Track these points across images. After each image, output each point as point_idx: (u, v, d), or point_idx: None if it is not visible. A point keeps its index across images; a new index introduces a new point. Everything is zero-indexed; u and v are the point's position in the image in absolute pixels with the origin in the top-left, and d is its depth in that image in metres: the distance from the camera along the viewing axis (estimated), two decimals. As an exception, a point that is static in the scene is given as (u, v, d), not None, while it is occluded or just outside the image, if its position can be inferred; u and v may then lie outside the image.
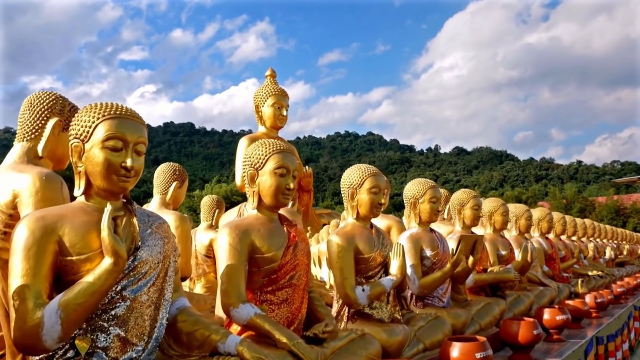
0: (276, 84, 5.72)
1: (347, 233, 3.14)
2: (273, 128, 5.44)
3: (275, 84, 5.71)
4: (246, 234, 2.42)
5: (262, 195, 2.57)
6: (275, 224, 2.59)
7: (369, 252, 3.13)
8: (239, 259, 2.37)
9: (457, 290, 4.10)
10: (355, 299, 2.99)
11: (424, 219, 3.93)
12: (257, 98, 5.56)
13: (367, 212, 3.24)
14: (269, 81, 5.70)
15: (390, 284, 3.09)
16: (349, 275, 3.03)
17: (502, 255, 5.17)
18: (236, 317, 2.29)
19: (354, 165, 3.39)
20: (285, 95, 5.64)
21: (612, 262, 10.16)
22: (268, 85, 5.66)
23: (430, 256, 3.79)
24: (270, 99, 5.49)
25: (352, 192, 3.28)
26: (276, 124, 5.42)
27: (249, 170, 2.59)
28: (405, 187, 4.08)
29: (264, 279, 2.45)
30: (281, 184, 2.53)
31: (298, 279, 2.52)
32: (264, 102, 5.51)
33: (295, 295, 2.51)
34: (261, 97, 5.52)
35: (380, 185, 3.25)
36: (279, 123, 5.46)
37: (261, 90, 5.61)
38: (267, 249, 2.44)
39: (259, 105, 5.47)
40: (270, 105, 5.40)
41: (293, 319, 2.49)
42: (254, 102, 5.55)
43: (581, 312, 4.95)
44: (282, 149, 2.58)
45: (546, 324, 4.21)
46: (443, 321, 3.33)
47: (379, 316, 3.11)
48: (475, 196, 4.72)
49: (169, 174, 4.22)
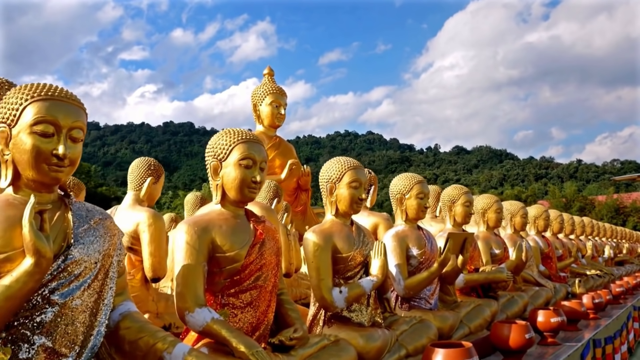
0: (274, 82, 5.58)
1: (324, 230, 2.93)
2: (271, 127, 5.32)
3: (273, 82, 5.57)
4: (206, 231, 2.21)
5: (226, 189, 2.35)
6: (240, 220, 2.37)
7: (347, 251, 2.92)
8: (196, 258, 2.15)
9: (446, 291, 3.89)
10: (331, 301, 2.78)
11: (410, 216, 3.72)
12: (255, 97, 5.43)
13: (347, 208, 3.02)
14: (266, 80, 5.56)
15: (370, 285, 2.87)
16: (325, 276, 2.81)
17: (496, 254, 4.96)
18: (191, 322, 2.07)
19: (333, 158, 3.17)
20: (283, 93, 5.50)
21: (611, 261, 9.95)
22: (266, 84, 5.52)
23: (417, 255, 3.57)
24: (268, 98, 5.35)
25: (330, 186, 3.06)
26: (274, 123, 5.29)
27: (212, 161, 2.38)
28: (391, 183, 3.86)
29: (226, 280, 2.24)
30: (246, 176, 2.31)
31: (264, 280, 2.31)
32: (262, 100, 5.38)
33: (261, 298, 2.29)
34: (259, 96, 5.39)
35: (361, 179, 3.03)
36: (277, 122, 5.33)
37: (259, 88, 5.47)
38: (229, 247, 2.23)
39: (257, 104, 5.35)
40: (268, 104, 5.28)
41: (258, 324, 2.28)
42: (252, 101, 5.43)
43: (578, 313, 4.74)
44: (247, 138, 2.36)
45: (540, 327, 4.00)
46: (428, 325, 3.12)
47: (358, 320, 2.90)
48: (467, 192, 4.50)
49: (143, 169, 4.00)
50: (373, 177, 4.60)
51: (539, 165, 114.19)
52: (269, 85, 5.44)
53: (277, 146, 5.23)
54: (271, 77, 5.63)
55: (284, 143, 5.49)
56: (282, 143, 5.40)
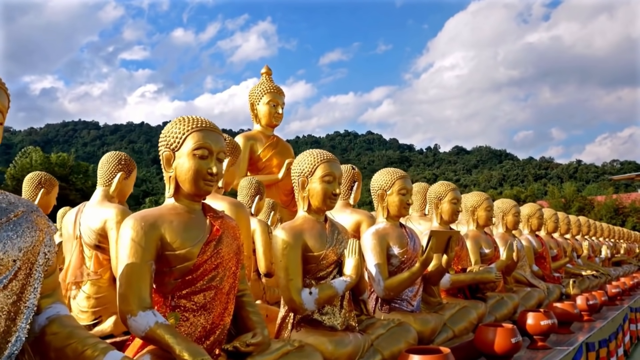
0: (272, 81, 5.48)
1: (294, 227, 2.73)
2: (269, 126, 5.24)
3: (271, 81, 5.47)
4: (154, 227, 2.02)
5: (180, 181, 2.16)
6: (195, 215, 2.18)
7: (319, 250, 2.72)
8: (142, 256, 1.96)
9: (430, 293, 3.70)
10: (300, 303, 2.58)
11: (392, 213, 3.53)
12: (252, 96, 5.35)
13: (320, 204, 2.83)
14: (264, 79, 5.47)
15: (343, 286, 2.68)
16: (294, 276, 2.62)
17: (486, 254, 4.77)
18: (134, 327, 1.88)
19: (307, 150, 2.98)
20: (280, 92, 5.40)
21: (608, 261, 9.76)
22: (263, 83, 5.42)
23: (398, 254, 3.38)
24: (266, 97, 5.26)
25: (302, 180, 2.87)
26: (272, 122, 5.22)
27: (164, 151, 2.19)
28: (372, 178, 3.67)
29: (177, 280, 2.04)
30: (201, 167, 2.12)
31: (220, 280, 2.11)
32: (260, 99, 5.28)
33: (217, 301, 2.10)
34: (256, 95, 5.31)
35: (335, 173, 2.84)
36: (275, 121, 5.26)
37: (256, 88, 5.37)
38: (180, 244, 2.03)
39: (255, 103, 5.28)
40: (266, 103, 5.20)
41: (213, 328, 2.09)
42: (250, 100, 5.35)
43: (570, 315, 4.55)
44: (203, 125, 2.18)
45: (529, 330, 3.81)
46: (407, 328, 2.92)
47: (330, 323, 2.70)
48: (454, 189, 4.31)
49: (113, 164, 3.81)
50: (357, 172, 4.40)
51: (539, 166, 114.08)
52: (267, 84, 5.35)
53: (274, 145, 5.12)
54: (269, 76, 5.54)
55: (282, 142, 5.37)
56: (280, 142, 5.30)
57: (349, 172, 4.39)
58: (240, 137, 5.45)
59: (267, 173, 5.09)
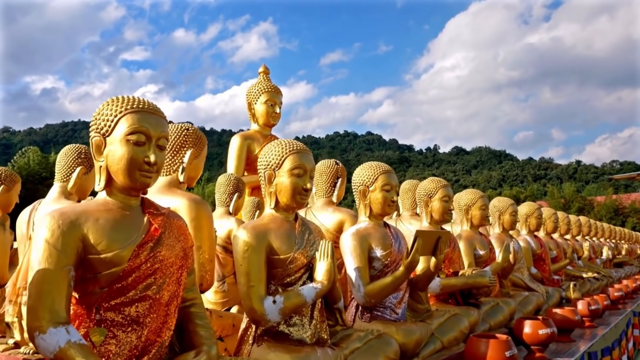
0: (269, 80, 5.35)
1: (258, 227, 2.41)
2: (266, 125, 5.16)
3: (268, 80, 5.34)
4: (74, 225, 1.68)
5: (112, 172, 1.83)
6: (130, 212, 1.85)
7: (286, 252, 2.39)
8: (57, 261, 1.63)
9: (417, 299, 3.36)
10: (262, 313, 2.25)
11: (375, 211, 3.20)
12: (250, 95, 5.27)
13: (289, 200, 2.50)
14: (262, 78, 5.36)
15: (313, 294, 2.35)
16: (256, 282, 2.29)
17: (480, 256, 4.44)
18: (42, 347, 1.55)
19: (275, 140, 2.65)
20: (278, 92, 5.26)
21: (609, 262, 9.43)
22: (261, 82, 5.30)
23: (381, 257, 3.05)
24: (263, 96, 5.15)
25: (269, 174, 2.54)
26: (269, 121, 5.13)
27: (94, 137, 1.86)
28: (354, 173, 3.35)
29: (104, 289, 1.72)
30: (137, 155, 1.79)
31: (158, 289, 1.78)
32: (257, 99, 5.18)
33: (153, 313, 1.77)
34: (254, 95, 5.21)
35: (305, 165, 2.51)
36: (272, 120, 5.17)
37: (254, 87, 5.25)
38: (106, 246, 1.70)
39: (252, 103, 5.21)
40: (263, 103, 5.11)
41: (147, 346, 1.75)
42: (247, 100, 5.25)
43: (571, 322, 4.22)
44: (139, 107, 1.85)
45: (527, 340, 3.48)
46: (387, 341, 2.59)
47: (298, 336, 2.37)
48: (445, 185, 3.98)
49: (72, 158, 3.48)
50: (340, 168, 4.07)
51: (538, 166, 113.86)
52: (264, 83, 5.22)
53: None
54: (266, 75, 5.41)
55: None
56: None
57: (332, 168, 4.06)
58: (237, 136, 5.33)
59: (265, 172, 4.91)
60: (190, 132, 2.94)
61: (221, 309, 4.16)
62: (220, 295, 4.34)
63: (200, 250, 2.62)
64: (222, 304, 4.25)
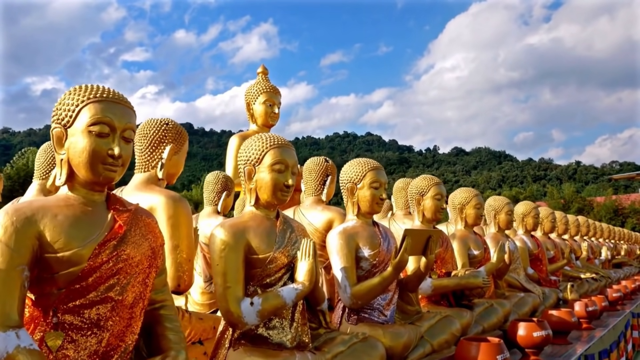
0: (268, 81, 5.32)
1: (236, 225, 2.30)
2: (265, 126, 5.14)
3: (267, 81, 5.31)
4: (29, 222, 1.57)
5: (74, 165, 1.72)
6: (93, 208, 1.73)
7: (265, 251, 2.28)
8: (9, 260, 1.51)
9: (407, 300, 3.25)
10: (239, 316, 2.14)
11: (363, 209, 3.09)
12: (248, 95, 5.24)
13: (269, 197, 2.39)
14: (260, 78, 5.33)
15: (293, 295, 2.24)
16: (233, 283, 2.18)
17: (475, 256, 4.33)
18: (-11, 353, 1.44)
19: (255, 135, 2.54)
20: (277, 92, 5.23)
21: (608, 263, 9.32)
22: (259, 83, 5.27)
23: (369, 256, 2.94)
24: (262, 97, 5.12)
25: (249, 170, 2.43)
26: (268, 122, 5.11)
27: (54, 128, 1.75)
28: (342, 170, 3.24)
29: (62, 290, 1.60)
30: (100, 148, 1.68)
31: (122, 290, 1.67)
32: (255, 99, 5.16)
33: (115, 316, 1.65)
34: (252, 95, 5.19)
35: (287, 160, 2.40)
36: (271, 121, 5.15)
37: (252, 87, 5.22)
38: (64, 244, 1.59)
39: (250, 103, 5.19)
40: (262, 103, 5.09)
41: (109, 351, 1.64)
42: (245, 100, 5.23)
43: (568, 324, 4.11)
44: (103, 96, 1.73)
45: (521, 342, 3.37)
46: (373, 344, 2.47)
47: (278, 339, 2.26)
48: (438, 183, 3.87)
49: (50, 155, 3.40)
50: (330, 165, 3.96)
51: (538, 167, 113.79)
52: (263, 83, 5.20)
53: None
54: (265, 75, 5.39)
55: None
56: None
57: (321, 165, 3.95)
58: (235, 137, 5.28)
59: (263, 172, 4.86)
60: (170, 127, 2.82)
61: (208, 310, 4.05)
62: (207, 296, 4.23)
63: (177, 250, 2.51)
64: (209, 305, 4.14)
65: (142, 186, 2.70)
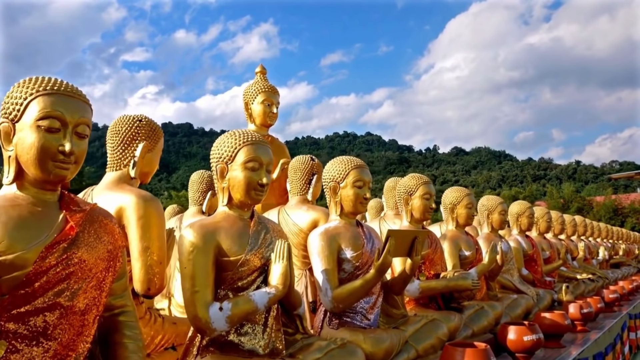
0: (266, 80, 5.25)
1: (205, 225, 2.18)
2: (263, 125, 5.08)
3: (265, 80, 5.24)
4: (-31, 223, 1.46)
5: (22, 162, 1.61)
6: (44, 208, 1.62)
7: (237, 253, 2.17)
8: (-56, 264, 1.41)
9: (393, 304, 3.14)
10: (206, 322, 2.03)
11: (346, 209, 2.97)
12: (246, 95, 5.18)
13: (242, 197, 2.28)
14: (258, 78, 5.26)
15: (265, 300, 2.13)
16: (201, 287, 2.07)
17: (466, 257, 4.22)
18: None
19: (228, 132, 2.43)
20: (275, 92, 5.16)
21: (606, 263, 9.21)
22: (258, 82, 5.19)
23: (352, 258, 2.83)
24: (260, 96, 5.05)
25: (221, 168, 2.32)
26: (266, 122, 5.04)
27: (2, 123, 1.63)
28: (325, 168, 3.12)
29: (4, 296, 1.49)
30: (50, 144, 1.57)
31: (72, 296, 1.56)
32: (254, 99, 5.09)
33: (65, 324, 1.54)
34: (251, 94, 5.12)
35: (261, 158, 2.29)
36: (269, 120, 5.08)
37: (251, 87, 5.15)
38: (7, 247, 1.48)
39: (249, 103, 5.13)
40: (260, 103, 5.03)
41: (57, 362, 1.53)
42: (244, 100, 5.17)
43: (561, 326, 3.99)
44: (54, 89, 1.62)
45: (510, 346, 3.26)
46: (352, 350, 2.36)
47: (250, 346, 2.15)
48: (426, 182, 3.76)
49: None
50: (316, 164, 3.85)
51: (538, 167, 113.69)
52: (261, 83, 5.14)
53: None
54: (263, 75, 5.34)
55: (276, 142, 5.13)
56: (274, 142, 5.08)
57: (307, 164, 3.84)
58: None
59: (262, 173, 4.83)
60: (143, 124, 2.72)
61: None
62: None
63: (148, 252, 2.40)
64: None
65: (113, 185, 2.59)
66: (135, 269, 2.41)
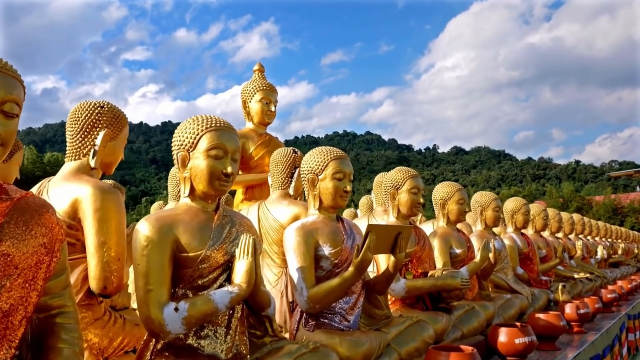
0: (264, 78, 5.15)
1: (163, 218, 1.99)
2: (261, 124, 4.97)
3: (263, 78, 5.14)
4: None
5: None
6: (-37, 196, 1.44)
7: (197, 249, 1.98)
8: None
9: (375, 304, 2.95)
10: (160, 323, 1.84)
11: (325, 203, 2.79)
12: (244, 93, 5.09)
13: (205, 188, 2.09)
14: (256, 76, 5.15)
15: (227, 300, 1.94)
16: (156, 286, 1.88)
17: (457, 255, 4.04)
18: None
19: (191, 117, 2.24)
20: (273, 90, 5.05)
21: (604, 262, 9.02)
22: (256, 80, 5.08)
23: (330, 255, 2.64)
24: (258, 94, 4.95)
25: (182, 156, 2.13)
26: (264, 120, 4.94)
27: None
28: (303, 160, 2.94)
29: None
30: None
31: (-8, 295, 1.37)
32: (252, 97, 4.99)
33: (-18, 327, 1.36)
34: (249, 93, 5.02)
35: (226, 146, 2.10)
36: (267, 119, 4.97)
37: (249, 85, 5.04)
38: None
39: (247, 101, 5.05)
40: (258, 101, 4.94)
41: (-28, 370, 1.35)
42: (242, 98, 5.09)
43: (556, 328, 3.80)
44: None
45: (501, 349, 3.07)
46: (325, 354, 2.17)
47: (211, 350, 1.96)
48: (414, 176, 3.57)
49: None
50: (299, 157, 3.66)
51: (537, 166, 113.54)
52: (259, 81, 5.06)
53: (266, 144, 4.87)
54: (261, 73, 5.26)
55: (274, 141, 5.04)
56: (272, 141, 4.99)
57: (288, 157, 3.66)
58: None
59: (259, 172, 4.81)
60: (105, 110, 2.53)
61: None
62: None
63: (104, 247, 2.22)
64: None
65: (70, 176, 2.41)
66: (91, 265, 2.23)
